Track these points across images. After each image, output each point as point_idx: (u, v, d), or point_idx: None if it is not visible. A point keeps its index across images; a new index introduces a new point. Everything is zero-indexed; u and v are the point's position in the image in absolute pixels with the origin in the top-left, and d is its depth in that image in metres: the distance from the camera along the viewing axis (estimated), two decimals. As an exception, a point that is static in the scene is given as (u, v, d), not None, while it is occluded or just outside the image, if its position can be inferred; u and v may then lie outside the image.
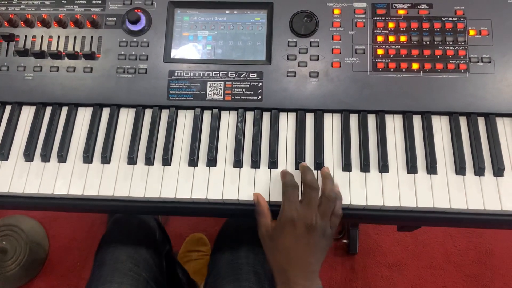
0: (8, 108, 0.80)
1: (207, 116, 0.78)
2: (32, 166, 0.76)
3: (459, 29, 0.77)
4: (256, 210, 0.71)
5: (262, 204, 0.70)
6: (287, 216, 0.67)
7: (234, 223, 1.01)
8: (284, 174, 0.71)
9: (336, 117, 0.77)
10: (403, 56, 0.77)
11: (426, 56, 0.77)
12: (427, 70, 0.76)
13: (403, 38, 0.78)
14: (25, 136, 0.78)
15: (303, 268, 0.66)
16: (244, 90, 0.77)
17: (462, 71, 0.76)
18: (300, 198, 0.69)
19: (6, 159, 0.77)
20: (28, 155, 0.76)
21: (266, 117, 0.77)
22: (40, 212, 1.61)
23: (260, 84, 0.77)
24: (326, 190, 0.68)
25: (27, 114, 0.80)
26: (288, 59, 0.78)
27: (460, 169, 0.71)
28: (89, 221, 1.61)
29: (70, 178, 0.74)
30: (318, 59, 0.78)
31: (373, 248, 1.54)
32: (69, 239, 1.59)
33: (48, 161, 0.76)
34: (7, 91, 0.79)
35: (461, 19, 0.78)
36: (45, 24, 0.81)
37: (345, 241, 1.52)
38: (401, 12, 0.79)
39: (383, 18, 0.79)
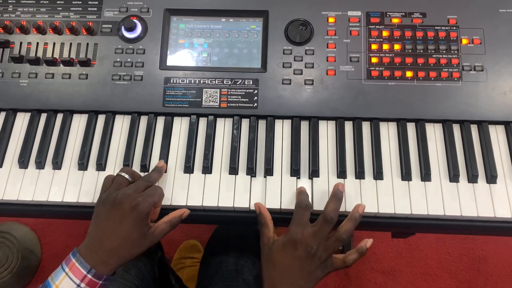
0: (2, 115, 0.80)
1: (202, 123, 0.78)
2: (27, 173, 0.75)
3: (452, 38, 0.78)
4: (258, 221, 0.70)
5: (265, 215, 0.70)
6: (291, 237, 0.66)
7: (224, 230, 1.01)
8: (299, 193, 0.70)
9: (331, 125, 0.77)
10: (397, 64, 0.78)
11: (420, 64, 0.78)
12: (421, 78, 0.77)
13: (397, 47, 0.78)
14: (20, 143, 0.78)
15: None
16: (239, 97, 0.78)
17: (455, 79, 0.77)
18: (313, 222, 0.68)
19: (1, 166, 0.76)
20: (23, 162, 0.75)
21: (262, 124, 0.78)
22: (32, 219, 1.59)
23: (256, 91, 0.78)
24: (341, 229, 0.68)
25: (21, 120, 0.80)
26: (283, 66, 0.78)
27: (453, 176, 0.72)
28: (82, 228, 1.60)
29: (65, 185, 0.74)
30: (313, 67, 0.78)
31: (367, 254, 1.52)
32: (62, 246, 1.57)
33: (43, 168, 0.76)
34: (1, 98, 0.79)
35: (454, 28, 0.79)
36: (41, 30, 0.81)
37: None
38: (395, 20, 0.80)
39: (377, 27, 0.80)
